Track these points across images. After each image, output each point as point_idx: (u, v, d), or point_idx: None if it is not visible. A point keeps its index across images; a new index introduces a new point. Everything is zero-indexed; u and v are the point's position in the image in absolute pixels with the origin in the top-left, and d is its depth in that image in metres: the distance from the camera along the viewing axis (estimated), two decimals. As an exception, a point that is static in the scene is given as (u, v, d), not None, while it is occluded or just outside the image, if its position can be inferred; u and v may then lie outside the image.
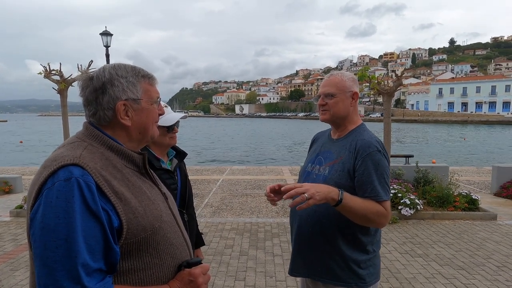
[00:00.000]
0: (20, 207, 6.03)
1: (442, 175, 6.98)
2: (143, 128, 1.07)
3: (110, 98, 1.01)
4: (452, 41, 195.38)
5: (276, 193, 1.50)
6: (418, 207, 5.73)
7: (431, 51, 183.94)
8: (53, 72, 7.30)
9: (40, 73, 7.29)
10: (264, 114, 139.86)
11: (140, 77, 1.06)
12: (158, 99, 1.11)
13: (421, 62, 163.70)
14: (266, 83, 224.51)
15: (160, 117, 1.14)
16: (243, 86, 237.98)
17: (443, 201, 6.00)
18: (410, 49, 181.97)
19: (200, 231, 2.04)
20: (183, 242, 1.10)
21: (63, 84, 7.22)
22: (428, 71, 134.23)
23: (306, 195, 1.32)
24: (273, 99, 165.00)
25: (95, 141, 1.01)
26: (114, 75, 1.03)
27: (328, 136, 1.77)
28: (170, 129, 1.72)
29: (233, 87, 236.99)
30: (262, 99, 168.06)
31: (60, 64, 7.46)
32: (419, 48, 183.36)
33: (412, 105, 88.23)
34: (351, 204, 1.42)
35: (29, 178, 9.18)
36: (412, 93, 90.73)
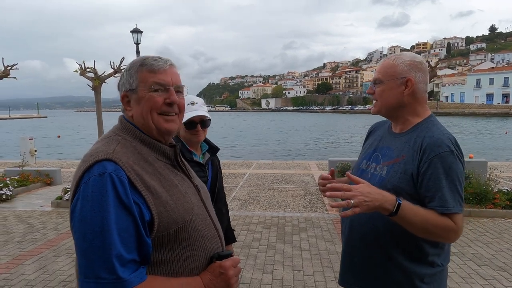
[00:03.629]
0: (60, 198, 6.39)
1: (480, 170, 6.62)
2: (142, 117, 1.04)
3: (120, 91, 1.09)
4: (492, 28, 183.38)
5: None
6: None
7: (469, 40, 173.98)
8: (87, 69, 7.63)
9: (76, 70, 7.64)
10: (290, 108, 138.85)
11: (139, 66, 1.05)
12: (164, 86, 1.04)
13: (457, 52, 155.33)
14: (293, 77, 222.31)
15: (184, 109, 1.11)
16: (270, 80, 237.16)
17: (481, 198, 5.70)
18: (445, 38, 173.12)
19: (232, 226, 2.06)
20: (215, 234, 1.11)
21: (97, 81, 7.53)
22: (465, 61, 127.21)
23: (352, 201, 1.13)
24: (300, 92, 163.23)
25: (128, 135, 1.04)
26: (125, 70, 1.10)
27: (388, 129, 1.50)
28: (189, 127, 1.71)
29: (260, 81, 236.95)
30: (289, 92, 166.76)
31: (94, 62, 7.76)
32: (455, 37, 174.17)
33: (447, 97, 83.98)
34: (409, 216, 1.19)
35: (67, 171, 9.70)
36: (447, 85, 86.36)
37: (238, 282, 1.07)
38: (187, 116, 1.69)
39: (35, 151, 11.65)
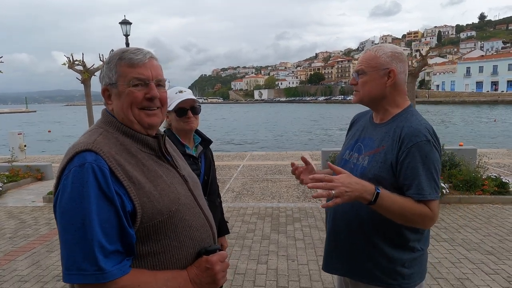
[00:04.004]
0: (51, 193, 6.33)
1: (470, 158, 6.72)
2: (122, 112, 1.04)
3: (101, 85, 1.08)
4: (482, 16, 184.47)
5: (305, 172, 1.47)
6: (444, 191, 5.57)
7: (459, 28, 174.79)
8: (76, 62, 7.49)
9: (64, 63, 7.50)
10: (283, 99, 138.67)
11: (118, 59, 1.03)
12: (144, 81, 1.02)
13: (448, 40, 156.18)
14: (285, 68, 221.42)
15: (168, 101, 1.14)
16: (262, 71, 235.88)
17: (470, 185, 5.80)
18: (435, 27, 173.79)
19: (225, 218, 2.07)
20: (204, 223, 1.10)
21: (86, 74, 7.40)
22: (455, 49, 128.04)
23: (333, 192, 1.16)
24: (293, 83, 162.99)
25: (111, 127, 1.03)
26: (105, 62, 1.09)
27: (369, 119, 1.54)
28: (180, 114, 1.71)
29: (252, 73, 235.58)
30: (281, 83, 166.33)
31: (83, 54, 7.63)
32: (445, 25, 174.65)
33: (438, 85, 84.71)
34: (387, 205, 1.24)
35: (58, 165, 9.60)
36: (438, 73, 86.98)
37: (225, 277, 1.07)
38: (175, 102, 1.68)
39: (25, 146, 11.48)
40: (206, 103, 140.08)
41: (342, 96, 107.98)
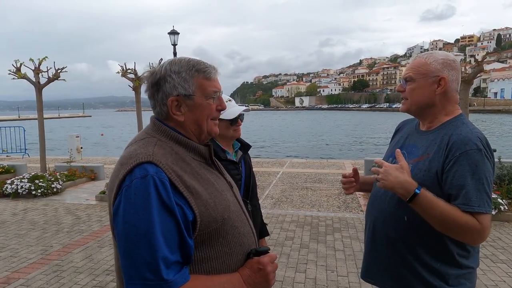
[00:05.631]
0: (103, 192, 6.80)
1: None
2: (197, 123, 1.06)
3: (164, 94, 1.04)
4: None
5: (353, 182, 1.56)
6: (502, 207, 5.11)
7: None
8: (128, 71, 8.02)
9: (118, 72, 8.06)
10: (324, 106, 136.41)
11: (194, 71, 1.04)
12: (217, 94, 1.07)
13: (509, 44, 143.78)
14: (327, 74, 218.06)
15: (222, 111, 1.13)
16: (304, 78, 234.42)
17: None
18: (494, 29, 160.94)
19: (264, 221, 2.09)
20: (249, 230, 1.13)
21: (137, 81, 7.89)
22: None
23: (377, 176, 1.27)
24: (335, 90, 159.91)
25: (164, 136, 1.03)
26: (168, 71, 1.04)
27: (415, 127, 1.49)
28: (233, 122, 1.77)
29: (293, 80, 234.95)
30: (323, 90, 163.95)
31: (135, 63, 8.14)
32: (506, 27, 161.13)
33: (495, 93, 78.19)
34: (426, 207, 1.19)
35: (109, 167, 10.28)
36: (496, 80, 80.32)
37: (275, 278, 1.08)
38: (232, 112, 1.75)
39: (81, 148, 12.44)
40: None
41: (388, 104, 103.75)
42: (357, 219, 5.37)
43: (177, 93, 1.03)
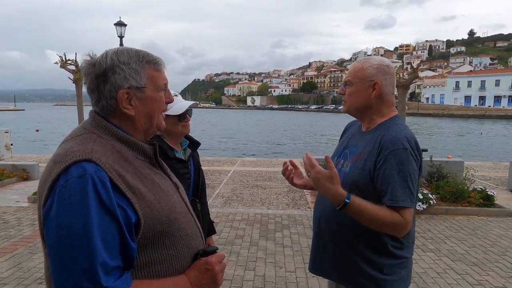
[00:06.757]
0: (36, 193, 6.21)
1: (457, 170, 6.85)
2: (148, 117, 1.01)
3: (112, 86, 0.95)
4: (471, 33, 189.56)
5: (295, 175, 1.56)
6: (431, 202, 5.65)
7: (449, 43, 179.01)
8: (69, 62, 7.42)
9: (56, 62, 7.42)
10: (275, 106, 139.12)
11: (145, 62, 0.99)
12: (166, 86, 1.04)
13: (438, 54, 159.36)
14: (279, 75, 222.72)
15: (169, 105, 1.08)
16: (255, 78, 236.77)
17: (457, 197, 5.90)
18: (427, 41, 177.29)
19: (212, 220, 2.06)
20: (197, 232, 1.09)
21: (78, 73, 7.33)
22: (445, 63, 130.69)
23: (310, 176, 1.34)
24: (285, 91, 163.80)
25: (104, 133, 0.96)
26: (116, 61, 0.95)
27: (358, 128, 1.59)
28: (182, 118, 1.70)
29: (245, 79, 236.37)
30: (274, 91, 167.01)
31: (76, 54, 7.56)
32: (436, 40, 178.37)
33: (427, 98, 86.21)
34: (356, 212, 1.29)
35: (45, 166, 9.42)
36: (428, 86, 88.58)
37: (223, 278, 1.06)
38: (180, 107, 1.67)
39: (11, 145, 11.25)
40: (198, 107, 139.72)
41: (334, 106, 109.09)
42: (304, 215, 5.56)
43: (128, 85, 0.96)
